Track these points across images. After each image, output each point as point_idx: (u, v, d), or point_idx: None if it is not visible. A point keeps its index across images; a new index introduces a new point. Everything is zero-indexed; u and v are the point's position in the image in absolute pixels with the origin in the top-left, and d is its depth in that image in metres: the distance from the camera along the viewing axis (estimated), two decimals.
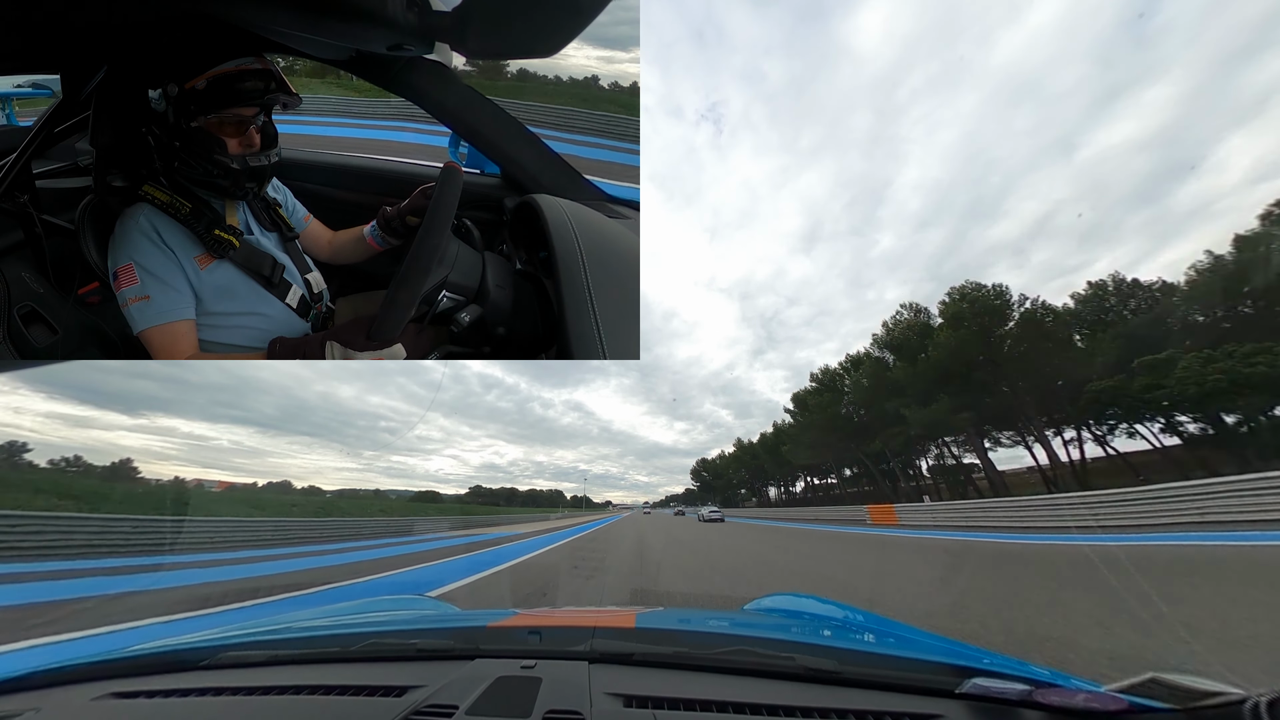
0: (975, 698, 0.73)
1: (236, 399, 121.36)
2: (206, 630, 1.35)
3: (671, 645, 1.00)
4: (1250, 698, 0.55)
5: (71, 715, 0.87)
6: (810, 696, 0.78)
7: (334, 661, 1.03)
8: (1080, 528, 11.20)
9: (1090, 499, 12.18)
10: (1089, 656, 2.98)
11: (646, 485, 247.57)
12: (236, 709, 0.84)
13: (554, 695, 0.76)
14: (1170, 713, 0.61)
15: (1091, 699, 0.66)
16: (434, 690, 0.80)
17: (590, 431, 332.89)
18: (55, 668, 1.01)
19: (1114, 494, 11.62)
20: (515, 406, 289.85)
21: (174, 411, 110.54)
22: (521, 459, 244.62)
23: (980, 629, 3.68)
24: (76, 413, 76.98)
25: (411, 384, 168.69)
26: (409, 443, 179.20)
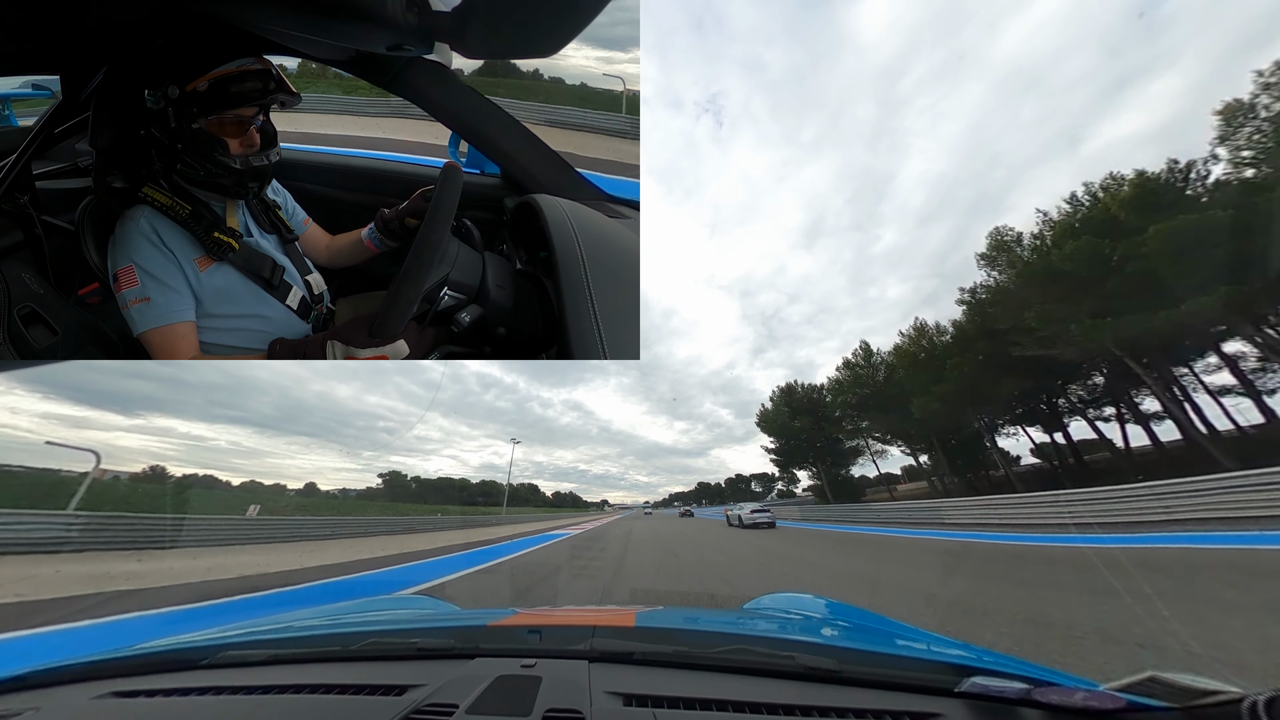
0: (975, 696, 0.73)
1: (234, 399, 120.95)
2: (206, 630, 1.35)
3: (671, 644, 1.00)
4: (1248, 696, 0.55)
5: (72, 714, 0.87)
6: (810, 695, 0.78)
7: (334, 660, 1.03)
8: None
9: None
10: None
11: (647, 485, 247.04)
12: (237, 708, 0.84)
13: (554, 694, 0.76)
14: (1169, 711, 0.61)
15: (1090, 697, 0.66)
16: (434, 689, 0.80)
17: (590, 431, 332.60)
18: (55, 667, 1.01)
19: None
20: (514, 406, 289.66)
21: (171, 411, 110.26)
22: (521, 459, 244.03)
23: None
24: (76, 413, 76.94)
25: (410, 383, 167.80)
26: (408, 443, 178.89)
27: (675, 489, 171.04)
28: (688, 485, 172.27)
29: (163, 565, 8.49)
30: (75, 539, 9.82)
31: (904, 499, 33.45)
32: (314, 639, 1.22)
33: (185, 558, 9.83)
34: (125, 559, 9.23)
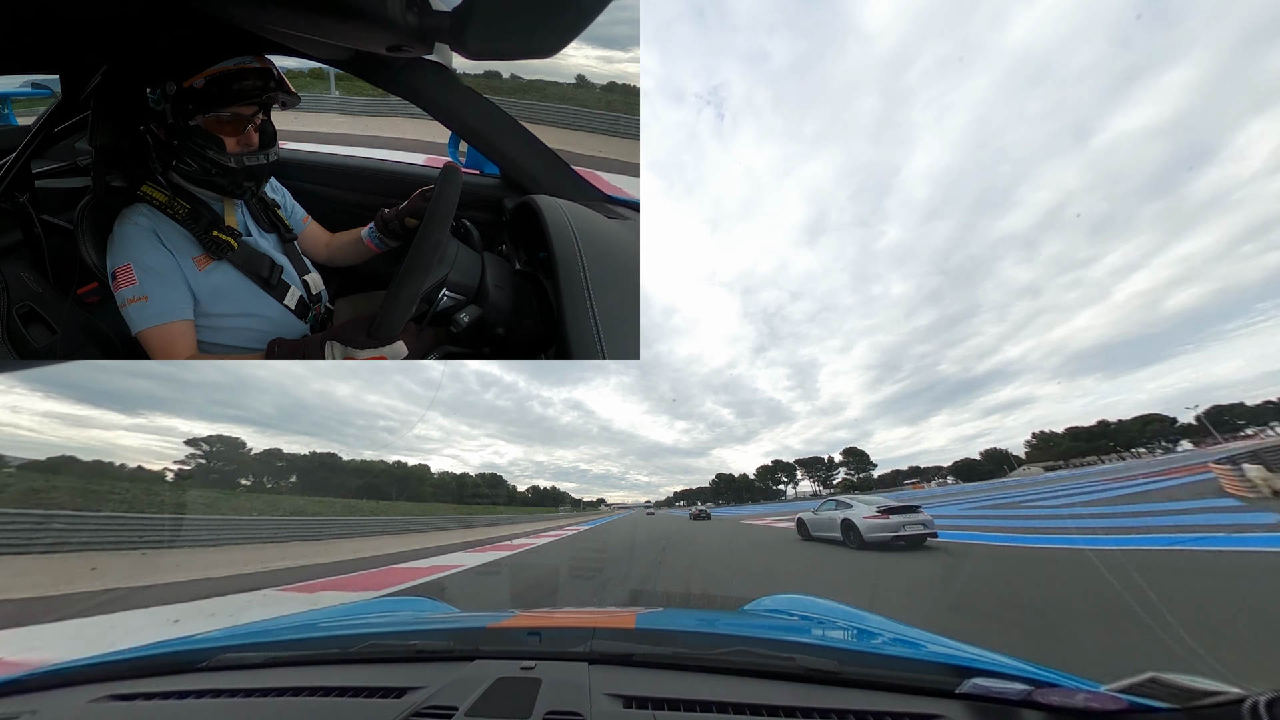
0: (975, 698, 0.73)
1: (235, 398, 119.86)
2: (205, 631, 1.35)
3: (671, 646, 1.00)
4: (1249, 697, 0.55)
5: (70, 717, 0.87)
6: (810, 697, 0.78)
7: (333, 663, 1.03)
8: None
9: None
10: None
11: (647, 485, 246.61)
12: (235, 711, 0.84)
13: (554, 696, 0.76)
14: (1170, 712, 0.61)
15: (1091, 699, 0.66)
16: (433, 691, 0.80)
17: (590, 431, 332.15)
18: (54, 669, 1.00)
19: None
20: (514, 405, 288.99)
21: (172, 411, 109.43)
22: (521, 458, 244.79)
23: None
24: (75, 412, 77.07)
25: (409, 382, 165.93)
26: (409, 442, 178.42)
27: (676, 488, 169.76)
28: (687, 485, 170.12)
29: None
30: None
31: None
32: (313, 641, 1.22)
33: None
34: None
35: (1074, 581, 5.42)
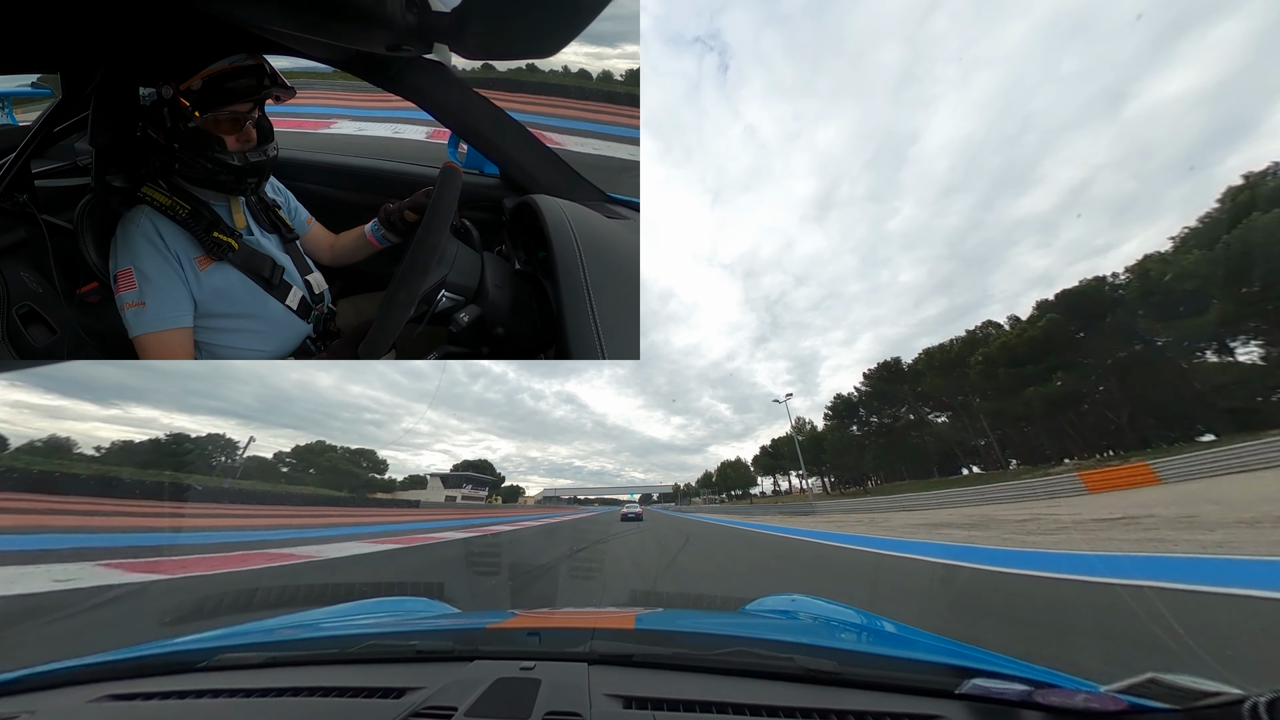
0: (975, 698, 0.73)
1: (213, 388, 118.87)
2: (203, 631, 1.35)
3: (671, 646, 1.00)
4: (1249, 698, 0.54)
5: (68, 717, 0.87)
6: (810, 697, 0.78)
7: (332, 663, 1.03)
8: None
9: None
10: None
11: (644, 483, 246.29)
12: (234, 711, 0.84)
13: (553, 697, 0.76)
14: (1170, 713, 0.61)
15: (1091, 699, 0.66)
16: (433, 692, 0.80)
17: (584, 426, 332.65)
18: (52, 669, 1.00)
19: None
20: (504, 398, 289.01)
21: (150, 403, 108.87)
22: (514, 454, 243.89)
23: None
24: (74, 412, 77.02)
25: (393, 373, 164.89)
26: (396, 436, 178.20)
27: (673, 485, 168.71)
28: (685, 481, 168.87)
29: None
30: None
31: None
32: (312, 641, 1.22)
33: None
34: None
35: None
